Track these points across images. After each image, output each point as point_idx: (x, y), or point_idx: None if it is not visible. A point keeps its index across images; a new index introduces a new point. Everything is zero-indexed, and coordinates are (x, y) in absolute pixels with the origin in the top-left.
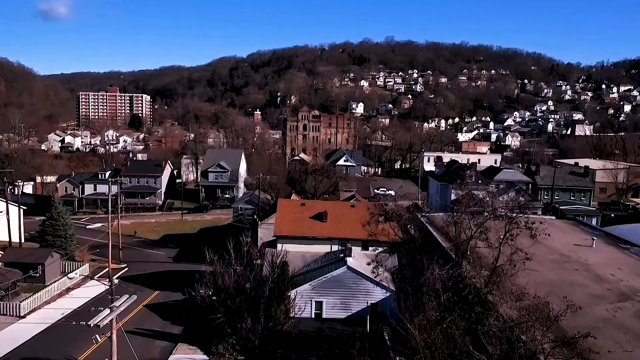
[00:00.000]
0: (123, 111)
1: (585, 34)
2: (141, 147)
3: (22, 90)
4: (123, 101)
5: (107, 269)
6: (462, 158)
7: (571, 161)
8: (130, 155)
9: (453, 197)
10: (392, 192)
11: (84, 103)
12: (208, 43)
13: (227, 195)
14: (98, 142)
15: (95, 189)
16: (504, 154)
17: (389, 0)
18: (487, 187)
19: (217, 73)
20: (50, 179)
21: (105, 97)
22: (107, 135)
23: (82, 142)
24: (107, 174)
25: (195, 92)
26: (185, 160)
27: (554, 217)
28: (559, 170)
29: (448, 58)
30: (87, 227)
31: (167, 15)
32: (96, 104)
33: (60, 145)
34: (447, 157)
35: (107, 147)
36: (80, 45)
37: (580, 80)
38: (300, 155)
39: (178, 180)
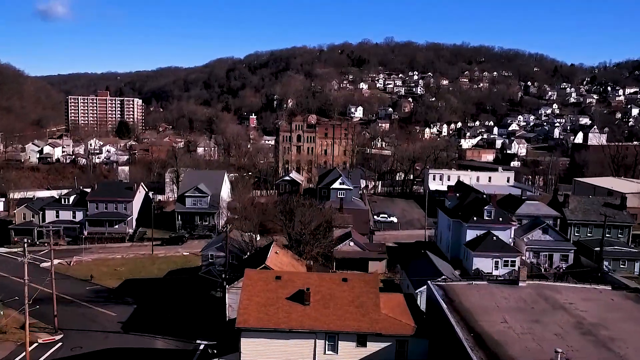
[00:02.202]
0: (114, 116)
1: (586, 35)
2: (126, 157)
3: (11, 94)
4: (114, 105)
5: (35, 344)
6: (471, 176)
7: (591, 180)
8: (114, 166)
9: (469, 237)
10: (394, 219)
11: (72, 107)
12: (206, 44)
13: (206, 223)
14: (82, 152)
15: (57, 216)
16: (512, 163)
17: (389, 0)
18: (511, 227)
19: (213, 74)
20: (20, 195)
21: (95, 101)
22: (90, 144)
23: (63, 151)
24: (72, 198)
25: (191, 94)
26: (169, 175)
27: (609, 288)
28: (590, 201)
29: (449, 59)
30: (42, 265)
31: (166, 16)
32: (85, 108)
33: (38, 156)
34: (453, 174)
35: (89, 158)
36: (79, 45)
37: (584, 82)
38: (291, 174)
39: (160, 197)
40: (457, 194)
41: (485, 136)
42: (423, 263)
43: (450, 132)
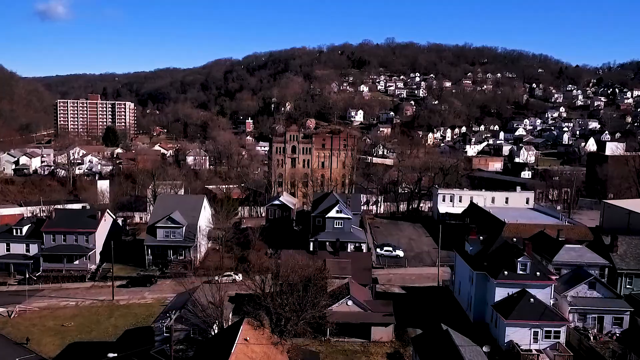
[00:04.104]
0: (104, 120)
1: (587, 35)
2: (109, 167)
3: (1, 97)
4: (104, 109)
5: None
6: (485, 197)
7: (623, 203)
8: (97, 177)
9: (498, 296)
10: (400, 253)
11: (62, 112)
12: (204, 44)
13: (181, 257)
14: (64, 161)
15: (8, 249)
16: (522, 174)
17: (390, 0)
18: (552, 283)
19: (211, 76)
20: None
21: (85, 105)
22: (71, 153)
23: (42, 162)
24: (25, 229)
25: (187, 97)
26: (150, 191)
27: None
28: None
29: (451, 60)
30: None
31: (165, 16)
32: (75, 113)
33: (13, 167)
34: (465, 195)
35: (70, 169)
36: (77, 45)
37: (590, 84)
38: (281, 198)
39: (142, 216)
40: (481, 237)
41: (491, 142)
42: (444, 352)
43: (455, 137)
